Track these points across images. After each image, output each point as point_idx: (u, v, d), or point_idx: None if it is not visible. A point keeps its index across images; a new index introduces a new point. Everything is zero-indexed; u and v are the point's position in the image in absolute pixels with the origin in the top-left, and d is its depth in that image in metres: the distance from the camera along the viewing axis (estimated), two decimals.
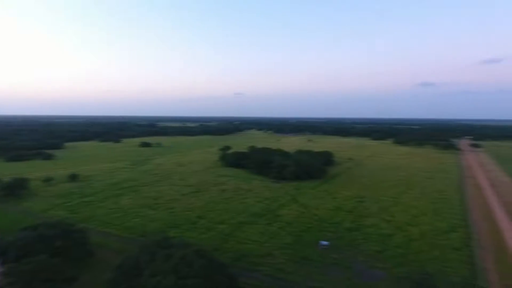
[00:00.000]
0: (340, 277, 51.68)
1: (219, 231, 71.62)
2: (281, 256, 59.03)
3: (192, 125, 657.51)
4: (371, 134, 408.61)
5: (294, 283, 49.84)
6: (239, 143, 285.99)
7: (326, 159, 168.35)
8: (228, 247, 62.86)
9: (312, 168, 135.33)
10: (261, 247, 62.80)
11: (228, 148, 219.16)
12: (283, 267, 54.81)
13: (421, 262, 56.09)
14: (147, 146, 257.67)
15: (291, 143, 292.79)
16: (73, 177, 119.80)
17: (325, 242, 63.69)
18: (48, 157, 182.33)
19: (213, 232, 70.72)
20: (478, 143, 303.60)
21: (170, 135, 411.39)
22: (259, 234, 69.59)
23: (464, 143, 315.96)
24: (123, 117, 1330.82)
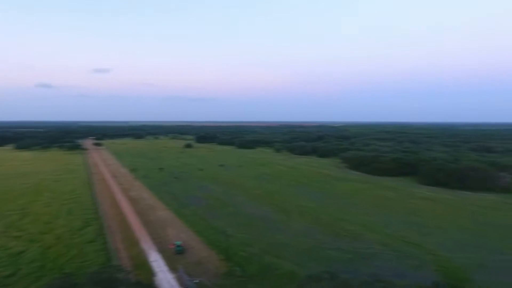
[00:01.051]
0: None
1: None
2: None
3: None
4: None
5: None
6: None
7: None
8: None
9: None
10: None
11: None
12: None
13: (61, 267, 55.67)
14: None
15: None
16: None
17: None
18: None
19: None
20: (100, 142, 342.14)
21: None
22: None
23: (88, 142, 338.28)
24: None
